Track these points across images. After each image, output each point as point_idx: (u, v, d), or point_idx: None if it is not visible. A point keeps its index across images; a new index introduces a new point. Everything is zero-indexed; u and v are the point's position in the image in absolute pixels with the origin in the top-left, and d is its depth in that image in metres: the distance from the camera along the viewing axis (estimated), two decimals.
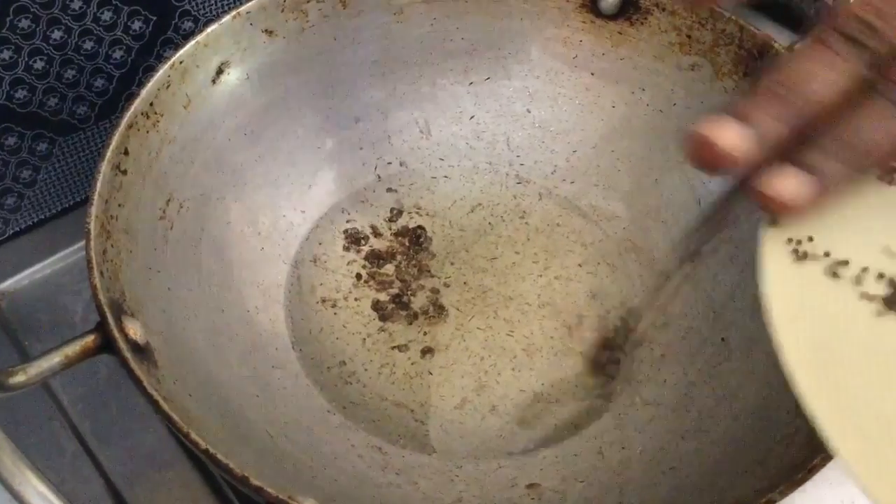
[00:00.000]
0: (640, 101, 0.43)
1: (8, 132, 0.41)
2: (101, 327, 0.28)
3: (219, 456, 0.26)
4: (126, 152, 0.34)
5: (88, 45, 0.40)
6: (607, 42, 0.43)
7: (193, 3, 0.42)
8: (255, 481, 0.25)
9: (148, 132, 0.35)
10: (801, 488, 0.28)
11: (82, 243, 0.31)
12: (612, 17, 0.42)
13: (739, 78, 0.40)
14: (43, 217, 0.45)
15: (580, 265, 0.42)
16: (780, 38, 0.40)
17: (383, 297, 0.40)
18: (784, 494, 0.27)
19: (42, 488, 0.23)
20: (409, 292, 0.41)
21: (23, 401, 0.38)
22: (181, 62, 0.36)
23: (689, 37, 0.41)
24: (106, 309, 0.28)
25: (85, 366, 0.38)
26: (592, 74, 0.43)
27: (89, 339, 0.28)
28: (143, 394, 0.27)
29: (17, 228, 0.44)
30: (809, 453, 0.28)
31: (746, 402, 0.35)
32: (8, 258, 0.43)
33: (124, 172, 0.33)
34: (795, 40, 0.39)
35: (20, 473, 0.23)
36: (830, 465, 0.28)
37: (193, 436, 0.26)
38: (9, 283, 0.42)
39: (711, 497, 0.31)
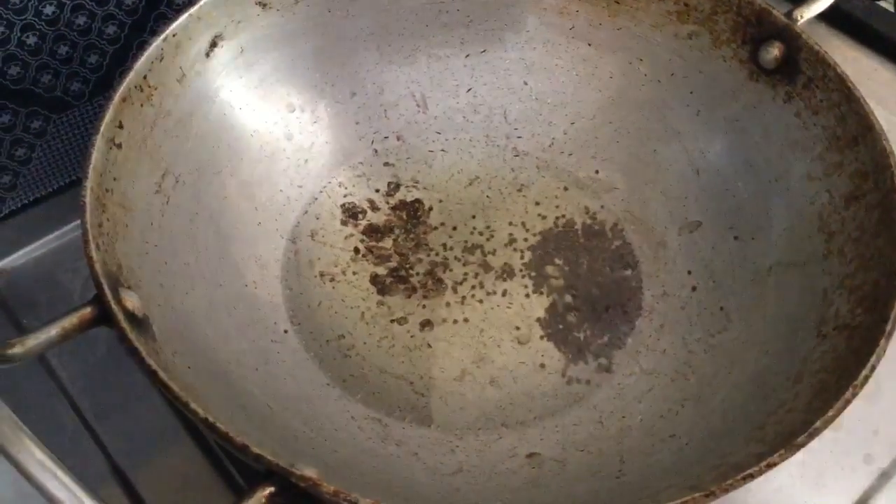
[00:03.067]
0: (638, 72, 0.42)
1: (1, 109, 0.40)
2: (98, 299, 0.28)
3: (218, 424, 0.26)
4: (120, 126, 0.33)
5: (81, 20, 0.40)
6: (604, 12, 0.42)
7: None
8: (255, 449, 0.25)
9: (142, 105, 0.35)
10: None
11: (79, 221, 0.30)
12: None
13: (738, 46, 0.40)
14: (39, 195, 0.45)
15: None
16: (778, 5, 0.39)
17: (381, 270, 0.40)
18: (784, 458, 0.27)
19: (41, 456, 0.23)
20: (407, 266, 0.40)
21: (23, 378, 0.38)
22: (174, 35, 0.36)
23: (686, 5, 0.40)
24: (102, 281, 0.28)
25: (84, 343, 0.38)
26: (590, 45, 0.43)
27: (86, 311, 0.28)
28: (140, 365, 0.27)
29: (14, 207, 0.44)
30: (809, 418, 0.28)
31: (745, 369, 0.35)
32: (5, 237, 0.43)
33: (119, 146, 0.33)
34: (791, 8, 0.39)
35: (19, 441, 0.23)
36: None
37: (193, 405, 0.26)
38: (6, 262, 0.42)
39: (711, 463, 0.30)
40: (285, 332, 0.37)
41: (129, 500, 0.36)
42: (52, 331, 0.28)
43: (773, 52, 0.38)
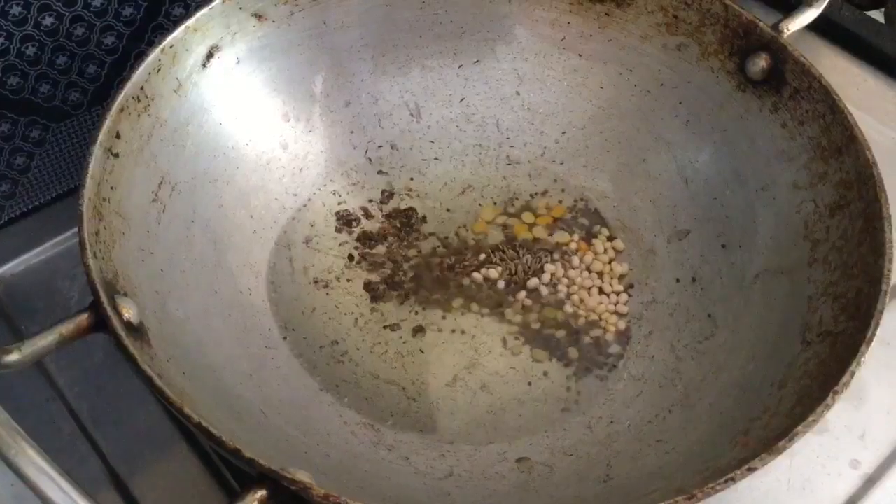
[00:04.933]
0: (628, 82, 0.43)
1: (1, 119, 0.41)
2: (95, 306, 0.29)
3: (211, 429, 0.26)
4: (118, 135, 0.34)
5: (80, 31, 0.41)
6: (594, 23, 0.43)
7: None
8: (247, 453, 0.26)
9: (139, 116, 0.35)
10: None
11: (77, 229, 0.31)
12: None
13: (725, 58, 0.40)
14: (38, 204, 0.45)
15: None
16: (765, 17, 0.40)
17: (375, 277, 0.41)
18: (765, 462, 0.27)
19: (38, 460, 0.24)
20: (400, 273, 0.41)
21: (20, 383, 0.39)
22: (171, 46, 0.36)
23: (675, 17, 0.41)
24: (99, 288, 0.29)
25: (81, 348, 0.39)
26: (580, 56, 0.44)
27: (83, 318, 0.29)
28: (136, 371, 0.28)
29: (13, 215, 0.45)
30: (791, 422, 0.29)
31: (731, 375, 0.35)
32: (4, 244, 0.44)
33: (116, 155, 0.34)
34: (778, 21, 0.40)
35: (16, 445, 0.24)
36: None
37: (186, 410, 0.27)
38: (5, 269, 0.43)
39: (696, 467, 0.31)
40: (283, 338, 0.38)
41: (125, 503, 0.36)
42: (50, 337, 0.28)
43: (760, 63, 0.39)
